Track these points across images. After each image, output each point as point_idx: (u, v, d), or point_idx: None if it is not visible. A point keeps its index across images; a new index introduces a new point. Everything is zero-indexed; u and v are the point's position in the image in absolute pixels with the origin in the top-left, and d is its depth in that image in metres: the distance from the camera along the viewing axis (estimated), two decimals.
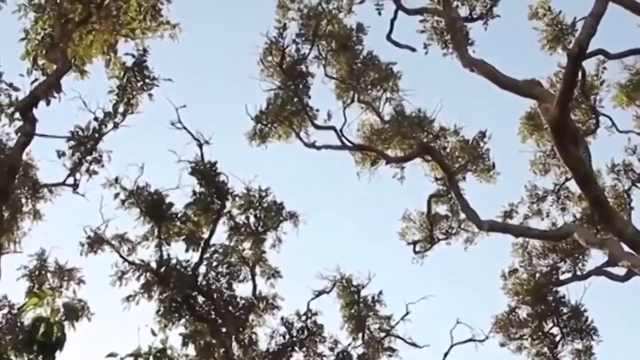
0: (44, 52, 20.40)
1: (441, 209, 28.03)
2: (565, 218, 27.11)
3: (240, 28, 35.15)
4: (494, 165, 26.58)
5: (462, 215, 25.95)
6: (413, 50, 24.06)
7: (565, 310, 26.91)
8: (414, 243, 28.18)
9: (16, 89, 20.14)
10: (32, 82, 19.54)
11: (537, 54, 24.48)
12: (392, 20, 23.23)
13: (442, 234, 28.05)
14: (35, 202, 24.42)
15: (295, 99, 26.03)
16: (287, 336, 25.97)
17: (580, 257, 26.95)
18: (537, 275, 27.33)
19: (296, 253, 28.37)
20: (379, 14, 23.31)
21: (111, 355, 7.71)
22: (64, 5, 20.20)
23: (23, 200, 24.24)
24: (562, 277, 27.40)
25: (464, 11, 23.06)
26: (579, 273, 27.08)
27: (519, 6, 25.45)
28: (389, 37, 23.59)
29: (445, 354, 27.32)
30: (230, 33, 34.96)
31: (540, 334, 27.13)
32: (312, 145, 26.39)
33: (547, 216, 27.34)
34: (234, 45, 35.91)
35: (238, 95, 35.00)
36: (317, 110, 26.26)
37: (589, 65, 24.53)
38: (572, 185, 25.76)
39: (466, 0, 23.35)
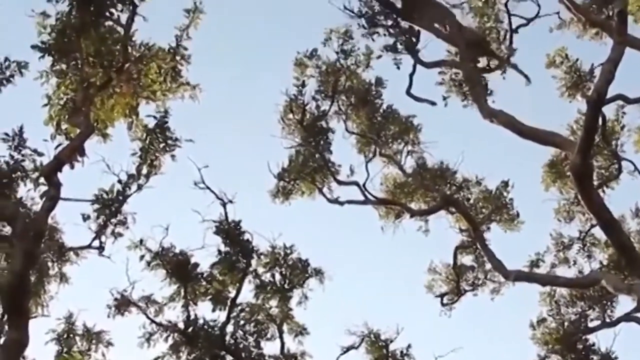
0: (66, 116, 20.57)
1: (467, 260, 27.97)
2: (592, 265, 27.03)
3: (259, 86, 35.36)
4: (518, 214, 26.56)
5: (488, 266, 25.85)
6: (433, 104, 24.14)
7: (595, 358, 26.55)
8: (441, 295, 28.06)
9: (40, 154, 20.36)
10: (56, 147, 19.67)
11: (556, 101, 24.57)
12: (411, 75, 23.31)
13: (469, 285, 27.93)
14: (61, 265, 24.46)
15: (317, 155, 26.13)
16: None
17: (609, 303, 26.72)
18: (566, 323, 27.09)
19: (323, 309, 28.29)
20: (398, 68, 23.44)
21: None
22: (85, 70, 20.39)
23: (49, 264, 24.30)
24: (591, 325, 27.15)
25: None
26: (608, 320, 26.82)
27: (536, 54, 25.59)
28: (408, 92, 23.65)
29: None
30: (249, 91, 35.17)
31: None
32: (335, 201, 26.48)
33: (574, 264, 27.27)
34: (254, 104, 36.10)
35: (259, 153, 35.12)
36: (339, 166, 26.39)
37: (609, 110, 24.59)
38: (598, 232, 25.67)
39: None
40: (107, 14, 20.44)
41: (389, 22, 23.18)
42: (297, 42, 27.03)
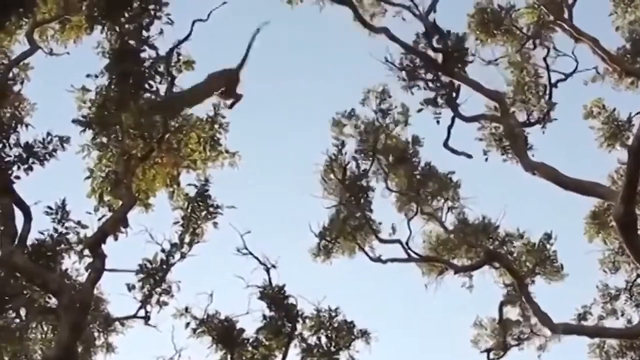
0: (109, 188, 20.80)
1: (513, 314, 27.76)
2: None
3: (297, 147, 35.58)
4: (562, 266, 26.37)
5: (534, 320, 25.64)
6: (469, 157, 24.15)
7: None
8: (488, 350, 27.82)
9: (84, 227, 20.52)
10: (100, 219, 19.96)
11: (595, 152, 24.54)
12: (449, 128, 23.37)
13: (515, 340, 27.69)
14: (107, 335, 24.53)
15: (358, 214, 26.20)
16: None
17: None
18: None
19: None
20: (437, 122, 23.53)
21: None
22: (125, 142, 20.64)
23: (96, 334, 24.39)
24: None
25: (521, 116, 23.26)
26: None
27: (573, 107, 25.60)
28: (445, 144, 23.71)
29: None
30: (288, 153, 35.40)
31: None
32: (378, 260, 26.47)
33: (622, 314, 27.00)
34: (293, 165, 36.31)
35: (300, 214, 35.18)
36: (380, 224, 26.45)
37: None
38: None
39: (523, 106, 23.56)
40: (146, 86, 20.77)
41: (429, 76, 23.34)
42: (334, 102, 27.26)
